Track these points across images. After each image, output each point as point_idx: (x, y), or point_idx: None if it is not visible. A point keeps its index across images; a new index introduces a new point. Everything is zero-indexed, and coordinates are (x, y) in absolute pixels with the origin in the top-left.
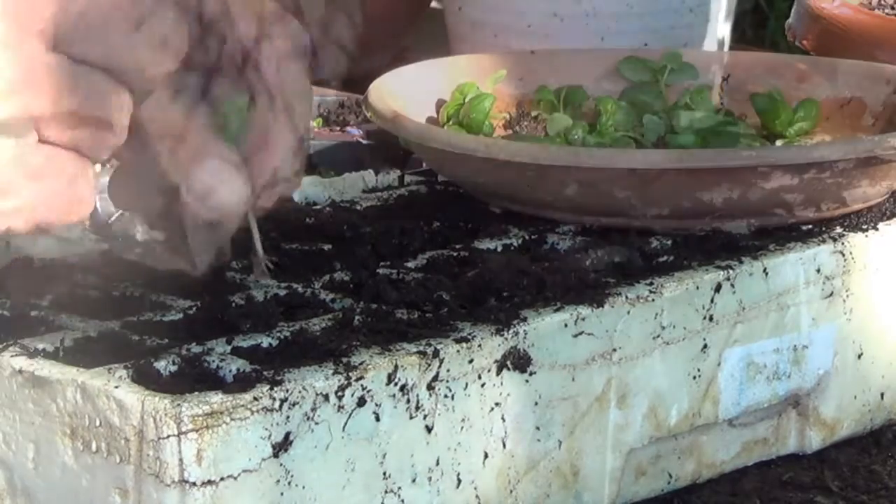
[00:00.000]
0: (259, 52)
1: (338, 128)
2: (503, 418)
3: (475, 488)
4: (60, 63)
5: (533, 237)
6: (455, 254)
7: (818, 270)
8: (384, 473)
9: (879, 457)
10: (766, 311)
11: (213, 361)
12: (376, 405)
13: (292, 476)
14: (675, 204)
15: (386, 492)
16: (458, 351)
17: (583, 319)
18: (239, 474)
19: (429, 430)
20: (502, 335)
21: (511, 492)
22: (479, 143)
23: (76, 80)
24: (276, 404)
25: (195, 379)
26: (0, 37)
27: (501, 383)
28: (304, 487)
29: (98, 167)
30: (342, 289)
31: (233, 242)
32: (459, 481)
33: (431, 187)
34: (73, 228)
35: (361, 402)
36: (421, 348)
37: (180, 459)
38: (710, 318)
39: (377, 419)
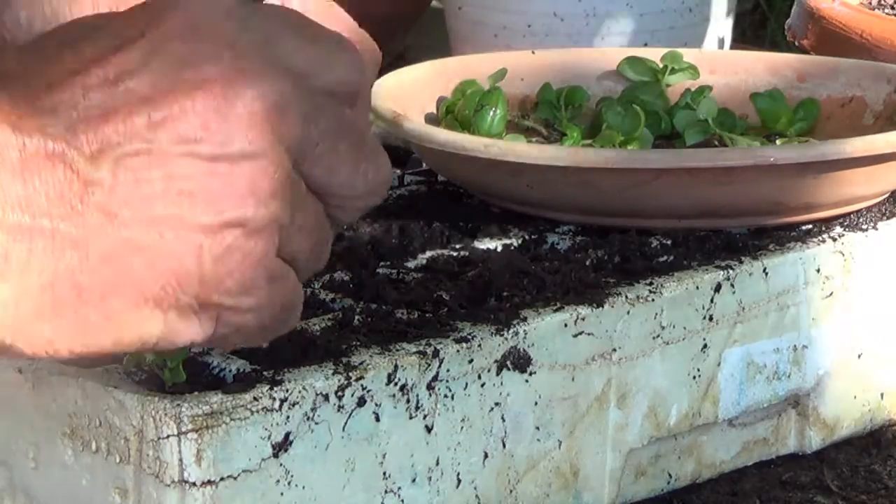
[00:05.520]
0: None
1: None
2: (503, 418)
3: (475, 488)
4: (299, 181)
5: (533, 237)
6: (455, 254)
7: (818, 270)
8: (384, 473)
9: (879, 457)
10: (765, 311)
11: (213, 361)
12: (376, 405)
13: (292, 476)
14: (675, 204)
15: (386, 492)
16: (458, 351)
17: (583, 319)
18: (239, 474)
19: (429, 430)
20: (502, 335)
21: (511, 492)
22: (479, 143)
23: (307, 200)
24: (276, 404)
25: (195, 379)
26: (258, 144)
27: (501, 383)
28: (304, 487)
29: None
30: (342, 289)
31: None
32: (459, 481)
33: (431, 187)
34: None
35: (361, 402)
36: (421, 348)
37: (180, 459)
38: (710, 318)
39: (377, 419)
